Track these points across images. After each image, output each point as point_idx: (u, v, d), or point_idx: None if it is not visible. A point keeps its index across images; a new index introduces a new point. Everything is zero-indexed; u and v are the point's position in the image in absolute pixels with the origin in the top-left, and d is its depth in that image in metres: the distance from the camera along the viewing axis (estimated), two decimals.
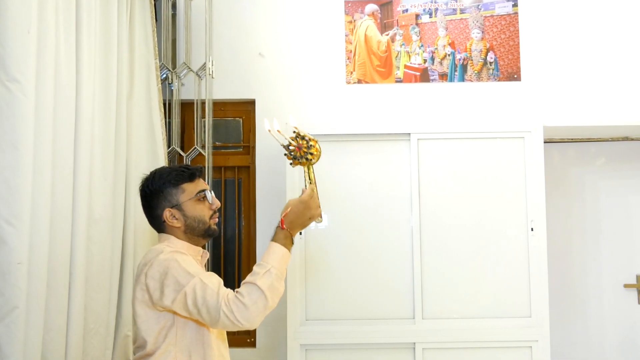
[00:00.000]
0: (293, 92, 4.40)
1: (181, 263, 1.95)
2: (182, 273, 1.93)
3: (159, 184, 2.12)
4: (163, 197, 2.11)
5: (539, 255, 3.99)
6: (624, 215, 4.57)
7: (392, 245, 4.06)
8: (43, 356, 2.57)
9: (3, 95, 2.37)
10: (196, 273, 1.94)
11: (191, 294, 1.90)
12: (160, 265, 1.97)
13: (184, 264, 1.95)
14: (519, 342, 3.97)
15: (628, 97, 4.32)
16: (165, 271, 1.95)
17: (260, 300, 1.90)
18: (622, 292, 4.52)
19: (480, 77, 4.39)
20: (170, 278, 1.94)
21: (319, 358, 3.99)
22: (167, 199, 2.11)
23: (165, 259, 1.96)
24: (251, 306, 1.88)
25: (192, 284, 1.91)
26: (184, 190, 2.12)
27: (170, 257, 1.97)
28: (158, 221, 2.14)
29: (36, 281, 2.49)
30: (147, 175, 2.20)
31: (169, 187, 2.12)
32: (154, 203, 2.14)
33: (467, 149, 4.10)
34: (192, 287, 1.90)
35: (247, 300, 1.87)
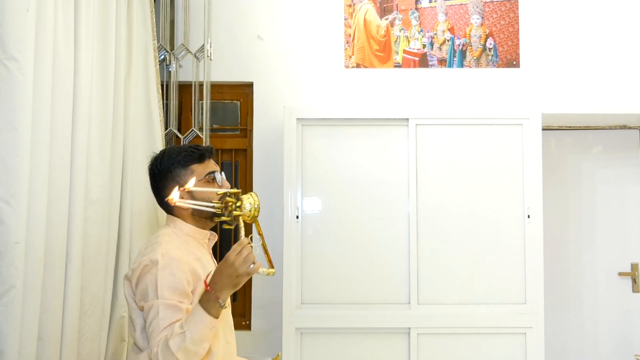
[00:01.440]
0: (291, 76, 4.39)
1: (158, 280, 1.89)
2: (152, 289, 1.89)
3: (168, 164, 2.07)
4: (171, 178, 2.07)
5: (535, 242, 4.00)
6: (619, 204, 4.59)
7: (388, 230, 4.07)
8: (39, 336, 2.58)
9: (1, 74, 2.36)
10: (162, 295, 1.88)
11: (146, 315, 1.90)
12: (144, 269, 1.94)
13: (161, 281, 1.89)
14: (513, 328, 4.00)
15: (626, 85, 4.33)
16: (143, 275, 1.93)
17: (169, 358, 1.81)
18: (617, 280, 4.55)
19: (479, 63, 4.38)
20: (142, 284, 1.92)
21: (314, 342, 4.02)
22: (175, 180, 2.06)
23: (151, 263, 1.92)
24: None
25: (150, 306, 1.89)
26: (193, 171, 2.07)
27: (154, 264, 1.92)
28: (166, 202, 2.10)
29: (33, 261, 2.49)
30: (157, 154, 2.15)
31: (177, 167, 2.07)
32: (162, 183, 2.09)
33: (465, 135, 4.10)
34: (150, 310, 1.89)
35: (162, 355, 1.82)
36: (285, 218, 4.00)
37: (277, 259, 4.14)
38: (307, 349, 4.01)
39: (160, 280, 1.89)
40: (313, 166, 4.09)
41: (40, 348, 2.59)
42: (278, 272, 4.11)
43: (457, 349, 4.00)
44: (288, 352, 3.95)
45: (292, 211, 4.02)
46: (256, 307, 4.33)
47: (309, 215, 4.09)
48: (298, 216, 4.04)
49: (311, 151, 4.10)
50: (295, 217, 4.03)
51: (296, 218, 4.03)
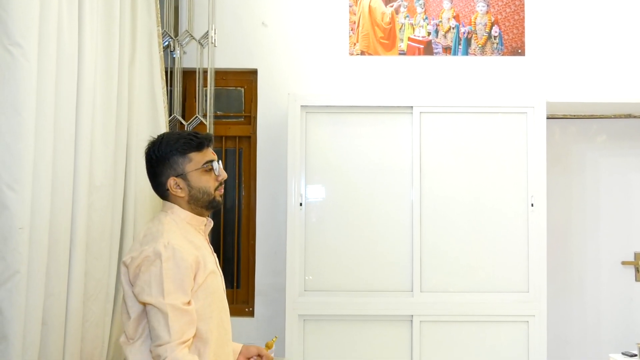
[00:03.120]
0: (295, 63, 4.38)
1: (163, 269, 1.88)
2: (157, 284, 1.87)
3: (166, 151, 2.04)
4: (169, 165, 2.04)
5: (539, 231, 4.00)
6: (623, 193, 4.57)
7: (391, 218, 4.07)
8: (44, 321, 2.59)
9: (5, 60, 2.36)
10: (168, 292, 1.87)
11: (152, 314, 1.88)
12: (145, 259, 1.91)
13: (166, 273, 1.88)
14: (516, 316, 4.00)
15: (632, 74, 4.31)
16: (146, 266, 1.91)
17: None
18: (620, 269, 4.54)
19: (484, 51, 4.36)
20: (145, 276, 1.89)
21: (317, 328, 4.03)
22: (172, 167, 2.04)
23: (153, 254, 1.90)
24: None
25: (159, 308, 1.87)
26: (190, 159, 2.04)
27: (157, 256, 1.90)
28: (161, 189, 2.08)
29: (37, 246, 2.49)
30: (154, 140, 2.11)
31: (175, 155, 2.04)
32: (159, 170, 2.06)
33: (470, 123, 4.09)
34: (158, 312, 1.87)
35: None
36: (289, 205, 4.00)
37: (280, 246, 4.16)
38: (310, 335, 4.03)
39: (165, 275, 1.87)
40: (317, 153, 4.09)
41: (45, 333, 2.60)
42: (281, 259, 4.13)
43: (459, 337, 4.01)
44: (291, 339, 3.97)
45: (296, 198, 4.02)
46: (259, 294, 4.34)
47: (312, 202, 4.09)
48: (302, 203, 4.04)
49: (315, 138, 4.10)
50: (298, 205, 4.03)
51: (300, 205, 4.03)
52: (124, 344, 2.00)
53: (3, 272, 2.34)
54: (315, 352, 4.02)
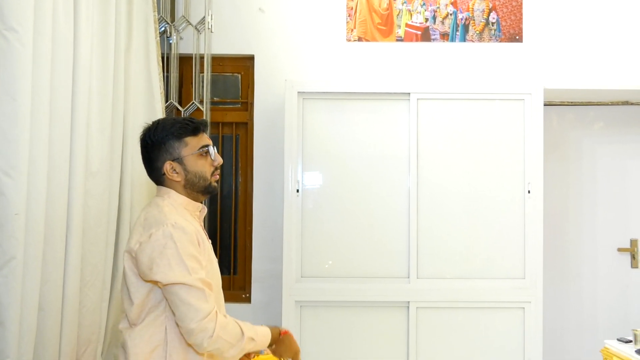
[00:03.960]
0: (292, 49, 4.36)
1: (179, 248, 1.89)
2: (178, 263, 1.88)
3: (162, 135, 2.04)
4: (165, 150, 2.04)
5: (535, 218, 4.01)
6: (620, 180, 4.58)
7: (388, 204, 4.07)
8: (40, 307, 2.59)
9: (0, 45, 2.34)
10: (192, 269, 1.89)
11: (181, 291, 1.87)
12: (156, 242, 1.90)
13: (182, 249, 1.89)
14: (512, 303, 4.01)
15: (629, 61, 4.30)
16: (160, 250, 1.89)
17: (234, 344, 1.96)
18: (616, 255, 4.56)
19: (482, 38, 4.35)
20: (163, 259, 1.88)
21: (313, 315, 4.04)
22: (168, 152, 2.04)
23: (164, 237, 1.90)
24: (224, 337, 1.91)
25: (188, 284, 1.87)
26: (186, 143, 2.04)
27: (168, 237, 1.90)
28: (157, 173, 2.08)
29: (33, 232, 2.49)
30: (149, 125, 2.10)
31: (171, 139, 2.03)
32: (155, 154, 2.06)
33: (467, 110, 4.09)
34: (188, 287, 1.87)
35: (226, 331, 1.92)
36: (286, 192, 4.00)
37: (277, 233, 4.16)
38: (307, 322, 4.04)
39: (183, 254, 1.89)
40: (314, 140, 4.08)
41: (41, 319, 2.61)
42: (278, 245, 4.13)
43: (455, 323, 4.03)
44: (287, 325, 3.97)
45: (293, 185, 4.02)
46: (256, 280, 4.35)
47: (309, 189, 4.09)
48: (298, 190, 4.04)
49: (312, 125, 4.09)
50: (295, 191, 4.02)
51: (296, 192, 4.03)
52: (125, 329, 2.00)
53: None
54: (312, 338, 4.04)
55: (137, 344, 1.95)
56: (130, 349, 1.94)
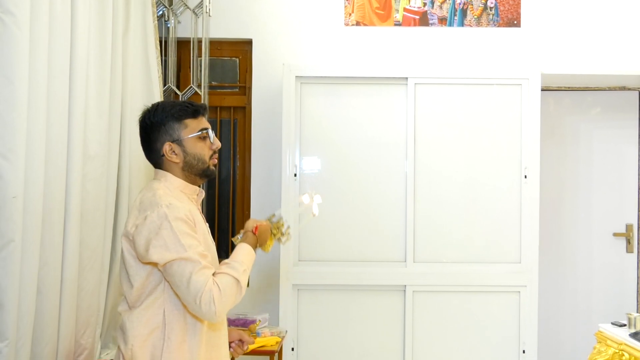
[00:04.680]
0: (290, 33, 4.34)
1: (174, 228, 1.88)
2: (174, 241, 1.88)
3: (162, 117, 2.03)
4: (164, 131, 2.03)
5: (531, 203, 4.01)
6: (616, 165, 4.58)
7: (385, 189, 4.07)
8: (38, 290, 2.59)
9: None
10: (189, 245, 1.89)
11: (178, 268, 1.86)
12: (152, 224, 1.90)
13: (178, 228, 1.89)
14: (507, 287, 4.03)
15: (627, 46, 4.28)
16: (155, 231, 1.89)
17: (236, 294, 1.94)
18: (611, 240, 4.57)
19: (480, 22, 4.33)
20: (159, 240, 1.88)
21: (310, 298, 4.05)
22: (168, 133, 2.03)
23: (159, 219, 1.89)
24: (227, 298, 1.89)
25: (183, 258, 1.87)
26: (186, 125, 2.04)
27: (163, 218, 1.89)
28: (156, 155, 2.07)
29: (31, 216, 2.49)
30: (149, 107, 2.09)
31: (171, 120, 2.03)
32: (154, 136, 2.05)
33: (464, 94, 4.08)
34: (183, 262, 1.87)
35: (226, 293, 1.88)
36: (283, 176, 4.00)
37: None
38: (304, 305, 4.05)
39: (179, 233, 1.89)
40: (311, 124, 4.07)
41: (40, 301, 2.61)
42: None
43: (451, 306, 4.04)
44: (285, 308, 3.99)
45: (290, 169, 4.01)
46: (255, 264, 4.33)
47: (306, 173, 4.09)
48: (296, 174, 4.04)
49: (310, 109, 4.08)
50: (293, 175, 4.02)
51: (294, 176, 4.03)
52: (124, 312, 2.00)
53: None
54: (309, 322, 4.05)
55: (136, 327, 1.95)
56: (129, 331, 1.95)
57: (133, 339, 1.94)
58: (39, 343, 2.63)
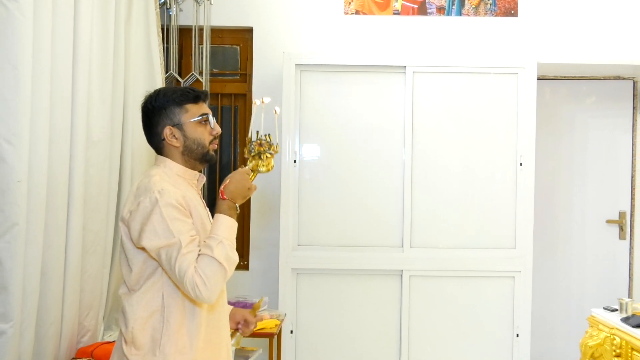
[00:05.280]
0: (291, 21, 4.32)
1: (164, 213, 1.88)
2: (163, 228, 1.87)
3: (163, 101, 2.03)
4: (165, 115, 2.03)
5: (526, 190, 4.01)
6: (610, 153, 4.58)
7: (383, 176, 4.07)
8: (42, 272, 2.59)
9: (1, 14, 2.31)
10: (178, 231, 1.87)
11: (165, 255, 1.86)
12: (144, 209, 1.90)
13: (167, 214, 1.88)
14: (502, 272, 4.04)
15: (622, 36, 4.26)
16: (147, 217, 1.89)
17: (219, 272, 1.86)
18: (604, 227, 4.57)
19: (478, 12, 4.30)
20: (149, 225, 1.88)
21: (309, 282, 4.06)
22: (169, 117, 2.02)
23: (150, 204, 1.89)
24: (211, 279, 1.84)
25: (170, 245, 1.86)
26: (187, 110, 2.03)
27: (154, 204, 1.89)
28: (157, 139, 2.06)
29: (35, 200, 2.49)
30: (151, 92, 2.10)
31: (172, 105, 2.02)
32: (155, 120, 2.05)
33: (462, 83, 4.07)
34: (170, 249, 1.86)
35: (207, 275, 1.83)
36: (283, 162, 3.99)
37: (274, 202, 4.16)
38: (303, 289, 4.06)
39: (168, 219, 1.88)
40: (311, 112, 4.06)
41: (44, 283, 2.61)
42: (275, 214, 4.13)
43: (447, 291, 4.05)
44: (284, 292, 4.00)
45: (290, 156, 4.01)
46: (254, 248, 4.36)
47: (306, 160, 4.08)
48: (295, 161, 4.04)
49: (309, 97, 4.07)
50: (292, 162, 4.02)
51: (294, 163, 4.03)
52: (124, 295, 2.00)
53: (2, 224, 2.33)
54: (308, 305, 4.06)
55: (136, 310, 1.95)
56: (129, 314, 1.95)
57: (133, 322, 1.94)
58: (43, 324, 2.64)
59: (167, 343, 1.92)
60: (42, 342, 2.64)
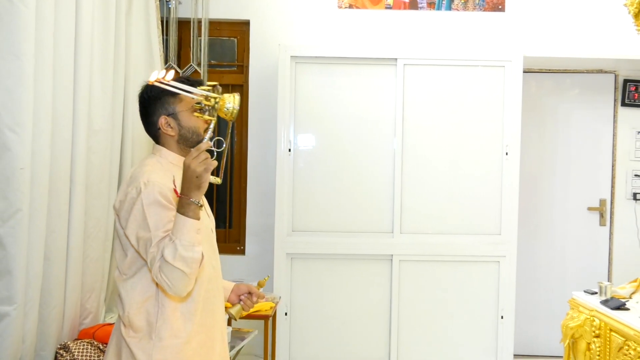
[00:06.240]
0: (286, 15, 4.29)
1: (144, 206, 1.85)
2: (141, 220, 1.85)
3: (158, 91, 2.00)
4: (160, 104, 2.01)
5: (512, 178, 4.01)
6: (592, 144, 4.58)
7: (375, 164, 4.06)
8: (46, 257, 2.58)
9: (4, 6, 2.28)
10: (154, 227, 1.84)
11: (141, 246, 1.85)
12: (130, 200, 1.88)
13: (147, 207, 1.85)
14: (488, 257, 4.04)
15: (604, 31, 4.25)
16: (131, 207, 1.87)
17: (172, 273, 1.78)
18: (586, 214, 4.58)
19: (467, 7, 4.28)
20: (132, 216, 1.87)
21: (303, 266, 4.05)
22: (164, 107, 2.00)
23: (136, 195, 1.87)
24: (170, 278, 1.78)
25: (145, 238, 1.84)
26: (181, 99, 2.01)
27: (138, 195, 1.86)
28: (153, 128, 2.04)
29: (38, 186, 2.47)
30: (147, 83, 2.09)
31: (167, 95, 2.01)
32: (151, 109, 2.03)
33: (451, 75, 4.05)
34: (145, 241, 1.84)
35: (166, 275, 1.78)
36: (279, 151, 3.97)
37: (270, 189, 4.14)
38: (297, 272, 4.06)
39: (147, 210, 1.85)
40: (306, 102, 4.04)
41: (47, 267, 2.60)
42: (271, 201, 4.11)
43: (435, 275, 4.06)
44: (279, 276, 4.00)
45: (285, 145, 3.99)
46: (250, 233, 4.35)
47: (300, 149, 4.07)
48: (290, 149, 4.02)
49: (304, 88, 4.04)
50: (287, 151, 4.00)
51: (289, 151, 4.01)
52: (118, 278, 1.99)
53: (6, 210, 2.32)
54: (302, 288, 4.06)
55: (131, 295, 1.93)
56: (125, 299, 1.94)
57: (129, 306, 1.93)
58: (47, 307, 2.63)
59: (162, 327, 1.91)
60: (45, 324, 2.63)
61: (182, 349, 1.92)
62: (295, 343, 4.07)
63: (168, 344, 1.90)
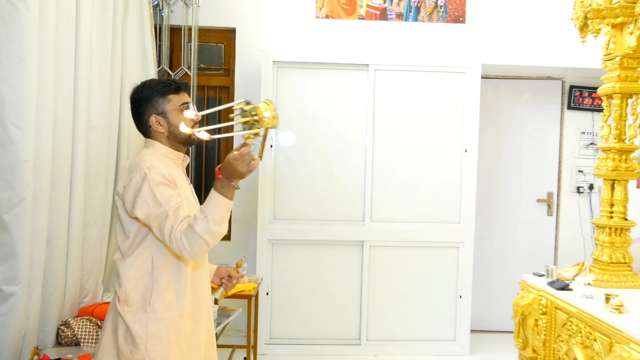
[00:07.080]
0: (269, 23, 4.28)
1: (152, 186, 1.87)
2: (152, 198, 1.86)
3: (148, 92, 2.01)
4: (151, 105, 2.01)
5: (470, 173, 4.05)
6: (541, 142, 4.64)
7: (348, 159, 4.07)
8: (48, 241, 2.55)
9: (9, 11, 2.24)
10: (166, 202, 1.86)
11: (155, 221, 1.86)
12: (136, 184, 1.89)
13: (155, 187, 1.87)
14: (448, 243, 4.08)
15: (553, 41, 4.30)
16: (138, 190, 1.88)
17: (197, 242, 1.81)
18: (535, 205, 4.64)
19: (431, 18, 4.30)
20: (140, 197, 1.87)
21: (283, 251, 4.06)
22: (154, 107, 2.01)
23: (141, 179, 1.88)
24: (193, 245, 1.81)
25: (159, 213, 1.85)
26: (169, 100, 2.01)
27: (144, 178, 1.88)
28: (144, 126, 2.04)
29: (41, 177, 2.44)
30: (138, 85, 2.08)
31: (156, 96, 2.00)
32: (142, 109, 2.03)
33: (416, 80, 4.07)
34: (159, 216, 1.85)
35: (189, 241, 1.80)
36: None
37: (253, 182, 4.14)
38: (277, 256, 4.06)
39: (156, 190, 1.87)
40: (286, 103, 4.04)
41: (49, 251, 2.58)
42: (254, 192, 4.10)
43: (402, 259, 4.09)
44: (261, 259, 4.00)
45: (267, 141, 3.98)
46: (235, 221, 4.34)
47: (281, 145, 4.07)
48: (272, 145, 4.01)
49: (285, 90, 4.04)
50: (269, 147, 4.00)
51: (270, 147, 4.00)
52: (118, 260, 1.99)
53: (11, 199, 2.29)
54: (282, 271, 4.07)
55: (128, 272, 1.94)
56: (123, 276, 1.94)
57: (126, 282, 1.93)
58: (49, 287, 2.60)
59: (156, 300, 1.92)
60: (47, 302, 2.61)
61: (174, 321, 1.93)
62: (276, 320, 4.08)
63: (162, 317, 1.91)
